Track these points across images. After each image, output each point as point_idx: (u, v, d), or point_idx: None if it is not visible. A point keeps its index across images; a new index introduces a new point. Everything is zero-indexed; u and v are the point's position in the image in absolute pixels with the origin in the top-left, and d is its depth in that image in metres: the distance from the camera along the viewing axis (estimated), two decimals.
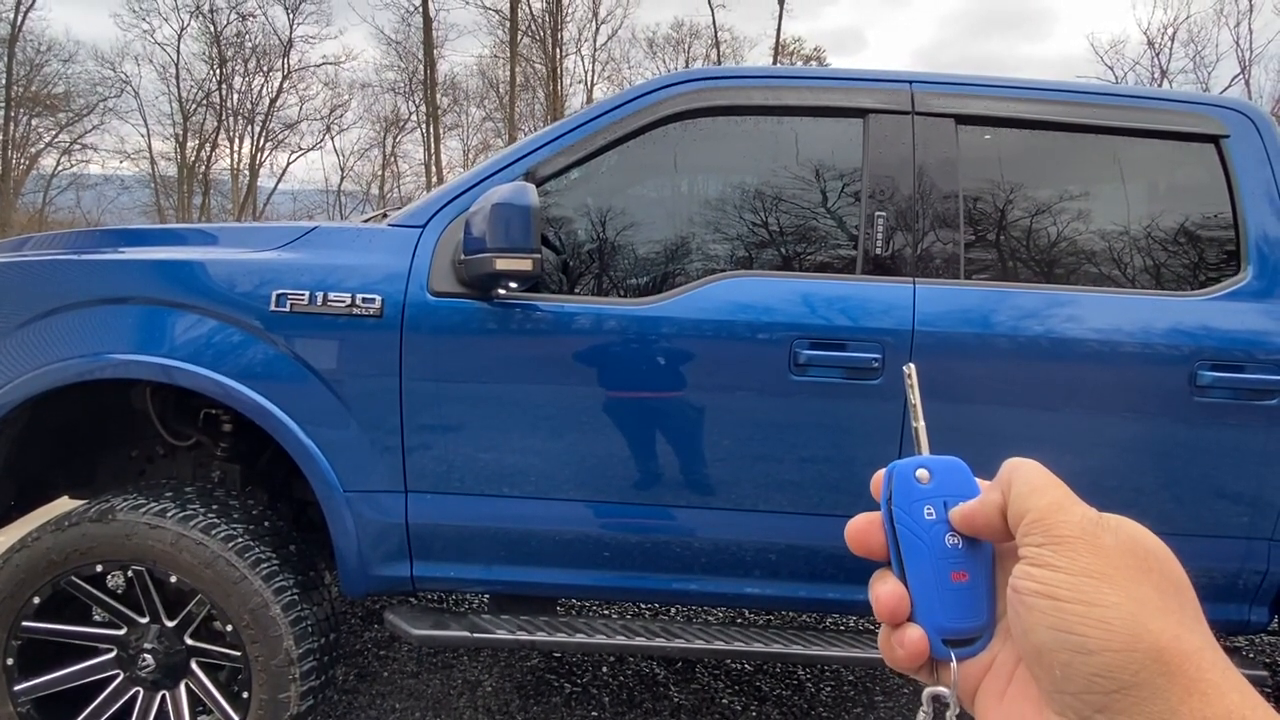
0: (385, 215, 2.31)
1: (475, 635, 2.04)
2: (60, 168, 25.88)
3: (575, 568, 2.11)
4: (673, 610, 3.31)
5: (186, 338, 2.00)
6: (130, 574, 1.99)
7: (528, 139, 2.17)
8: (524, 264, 1.82)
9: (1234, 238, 2.14)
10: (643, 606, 3.32)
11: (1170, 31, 24.05)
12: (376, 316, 1.98)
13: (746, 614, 3.32)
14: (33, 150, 25.57)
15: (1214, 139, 2.16)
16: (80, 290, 2.04)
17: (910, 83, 2.16)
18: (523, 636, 2.04)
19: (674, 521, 2.08)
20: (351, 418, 2.00)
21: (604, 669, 2.90)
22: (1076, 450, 2.05)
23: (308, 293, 1.98)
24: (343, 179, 29.72)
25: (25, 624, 1.99)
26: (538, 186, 2.01)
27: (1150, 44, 23.69)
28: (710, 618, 3.29)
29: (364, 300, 1.98)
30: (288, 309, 1.98)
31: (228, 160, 28.30)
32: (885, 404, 2.01)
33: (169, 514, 1.97)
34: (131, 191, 27.10)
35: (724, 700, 2.73)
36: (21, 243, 2.28)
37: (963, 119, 2.14)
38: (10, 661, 2.00)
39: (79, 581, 1.99)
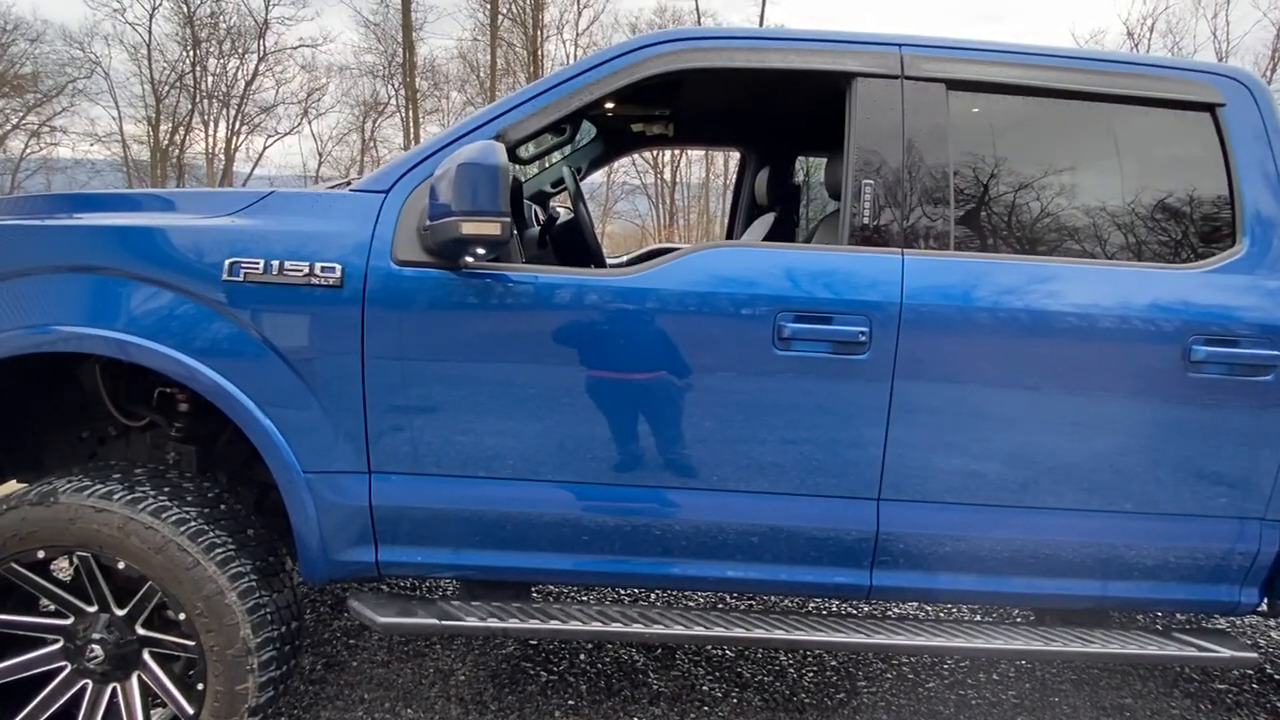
0: (349, 183, 2.19)
1: (444, 623, 1.95)
2: (29, 151, 25.17)
3: (551, 551, 2.02)
4: (652, 595, 3.24)
5: (138, 310, 1.88)
6: (76, 560, 1.88)
7: (501, 100, 2.06)
8: (492, 228, 1.72)
9: (1229, 209, 2.08)
10: (621, 591, 3.24)
11: (1149, 23, 24.19)
12: (337, 286, 1.87)
13: (728, 599, 3.25)
14: None
15: (1210, 107, 2.10)
16: (26, 257, 1.91)
17: (900, 46, 2.07)
18: (494, 624, 1.95)
19: (655, 503, 1.99)
20: (309, 393, 1.89)
21: (581, 656, 2.82)
22: (1068, 427, 1.99)
23: (263, 261, 1.87)
24: (320, 164, 29.18)
25: None
26: (510, 149, 1.90)
27: (1130, 35, 23.84)
28: (690, 603, 3.22)
29: (323, 269, 1.87)
30: (241, 278, 1.86)
31: (202, 144, 27.69)
32: (872, 380, 1.93)
33: (116, 496, 1.85)
34: (103, 175, 26.40)
35: (704, 687, 2.66)
36: None
37: (954, 84, 2.06)
38: None
39: (19, 569, 1.88)
